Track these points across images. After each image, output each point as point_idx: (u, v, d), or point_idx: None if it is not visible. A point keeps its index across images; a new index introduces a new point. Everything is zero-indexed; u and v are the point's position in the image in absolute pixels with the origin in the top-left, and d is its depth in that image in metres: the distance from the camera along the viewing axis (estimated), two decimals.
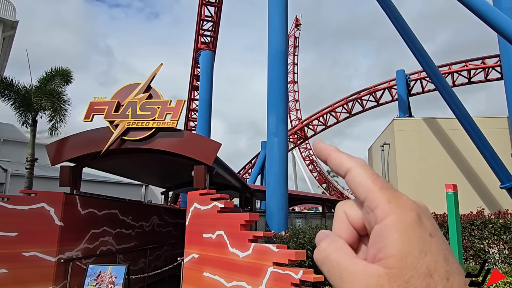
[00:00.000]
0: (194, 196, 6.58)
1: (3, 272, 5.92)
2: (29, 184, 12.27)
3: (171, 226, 12.67)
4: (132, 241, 9.70)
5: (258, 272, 4.57)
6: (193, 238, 6.29)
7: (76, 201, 7.21)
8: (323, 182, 55.48)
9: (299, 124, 28.03)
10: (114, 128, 7.02)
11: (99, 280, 6.06)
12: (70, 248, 6.99)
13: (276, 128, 11.50)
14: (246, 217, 5.07)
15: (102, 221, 8.17)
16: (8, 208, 6.12)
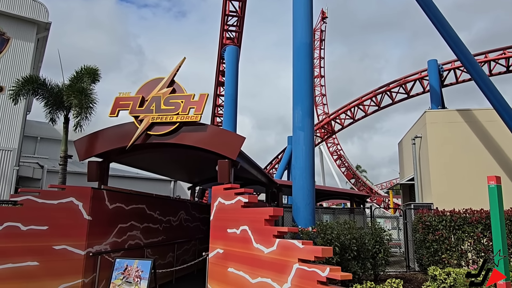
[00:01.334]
0: (218, 190, 6.51)
1: (35, 264, 6.09)
2: (63, 180, 12.65)
3: (198, 221, 12.74)
4: (159, 236, 9.79)
5: (283, 269, 4.44)
6: (218, 233, 6.23)
7: (103, 196, 7.32)
8: (352, 177, 54.54)
9: (326, 118, 27.55)
10: (139, 123, 7.06)
11: (126, 274, 6.12)
12: (99, 242, 7.11)
13: (301, 122, 11.27)
14: (271, 212, 4.94)
15: (129, 216, 8.28)
16: (39, 203, 6.28)
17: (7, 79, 16.13)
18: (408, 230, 12.70)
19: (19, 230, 6.00)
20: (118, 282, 6.08)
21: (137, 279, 6.03)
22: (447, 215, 9.89)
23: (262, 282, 4.80)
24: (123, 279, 6.08)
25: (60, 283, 6.30)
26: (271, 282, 4.64)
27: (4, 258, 5.80)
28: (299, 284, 4.15)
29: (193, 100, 6.97)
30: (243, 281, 5.21)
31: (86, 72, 13.03)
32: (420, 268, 11.29)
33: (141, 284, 5.98)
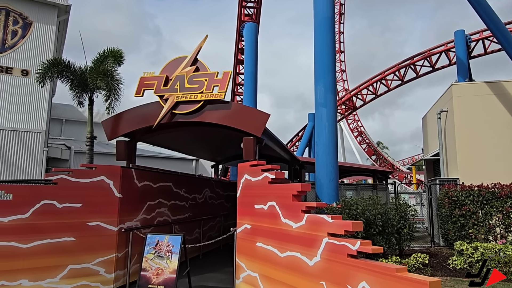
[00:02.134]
0: (244, 167, 6.57)
1: (72, 240, 6.38)
2: (90, 160, 13.03)
3: (222, 198, 12.96)
4: (186, 212, 10.05)
5: (312, 243, 4.49)
6: (245, 209, 6.34)
7: (132, 174, 7.52)
8: (373, 154, 53.97)
9: (347, 94, 27.08)
10: (164, 103, 7.13)
11: (158, 249, 6.34)
12: (130, 219, 7.36)
13: (324, 98, 11.15)
14: (298, 187, 4.97)
15: (157, 193, 8.50)
16: (72, 181, 6.52)
17: (32, 63, 16.48)
18: (433, 206, 12.58)
19: (55, 208, 6.27)
20: (150, 257, 6.31)
21: (168, 253, 6.24)
22: (474, 190, 9.71)
23: (291, 256, 4.89)
24: (155, 253, 6.31)
25: (96, 257, 6.60)
26: (300, 256, 4.72)
27: (43, 234, 6.10)
28: (329, 257, 4.21)
29: (216, 78, 6.97)
30: (272, 255, 5.32)
31: (110, 54, 13.15)
32: (445, 243, 11.22)
33: (172, 258, 6.20)
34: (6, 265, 5.71)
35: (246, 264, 6.07)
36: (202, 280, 7.66)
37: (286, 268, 4.97)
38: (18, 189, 6.13)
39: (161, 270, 6.14)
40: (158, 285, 6.04)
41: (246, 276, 6.04)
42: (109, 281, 6.72)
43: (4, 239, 5.74)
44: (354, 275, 3.82)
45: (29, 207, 6.02)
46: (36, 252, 6.00)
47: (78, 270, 6.39)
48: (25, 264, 5.87)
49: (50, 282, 6.08)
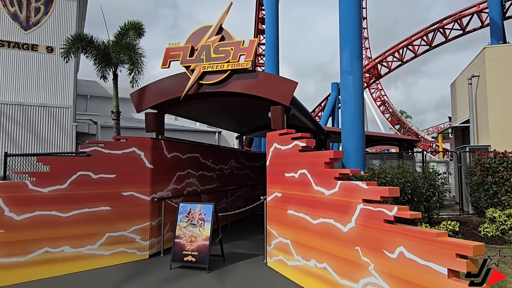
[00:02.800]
0: (273, 136, 6.55)
1: (108, 209, 6.61)
2: (117, 133, 13.30)
3: (247, 169, 13.08)
4: (214, 183, 10.21)
5: (346, 210, 4.49)
6: (275, 178, 6.37)
7: (162, 146, 7.64)
8: (396, 123, 52.94)
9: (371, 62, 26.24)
10: (191, 73, 7.10)
11: (190, 217, 6.50)
12: (161, 189, 7.54)
13: (350, 66, 10.84)
14: (331, 154, 4.92)
15: (186, 164, 8.64)
16: (105, 153, 6.68)
17: (55, 40, 16.66)
18: (462, 174, 12.31)
19: (91, 178, 6.47)
20: (183, 225, 6.49)
21: (201, 221, 6.40)
22: (509, 157, 9.41)
23: (324, 223, 4.91)
24: (187, 221, 6.48)
25: (131, 225, 6.85)
26: (333, 222, 4.73)
27: (82, 203, 6.34)
28: (364, 223, 4.20)
29: (242, 47, 6.85)
30: (304, 222, 5.36)
31: (130, 26, 13.12)
32: (475, 211, 11.04)
33: (204, 226, 6.35)
34: (49, 233, 6.00)
35: (277, 231, 6.16)
36: (233, 247, 7.86)
37: (319, 235, 5.02)
38: (55, 161, 6.34)
39: (194, 238, 6.32)
40: (192, 252, 6.23)
41: (277, 242, 6.15)
42: (144, 248, 6.99)
43: (45, 209, 6.00)
44: (391, 241, 3.81)
45: (66, 178, 6.24)
46: (76, 220, 6.26)
47: (115, 237, 6.66)
48: (66, 232, 6.16)
49: (90, 249, 6.38)
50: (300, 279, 5.44)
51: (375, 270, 4.03)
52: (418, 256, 3.49)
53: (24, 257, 5.79)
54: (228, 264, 6.62)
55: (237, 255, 7.27)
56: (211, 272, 6.11)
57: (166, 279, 5.78)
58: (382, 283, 3.91)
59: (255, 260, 6.90)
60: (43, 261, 5.92)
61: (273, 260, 6.28)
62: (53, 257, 6.02)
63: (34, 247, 5.89)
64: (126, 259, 6.75)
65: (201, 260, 6.15)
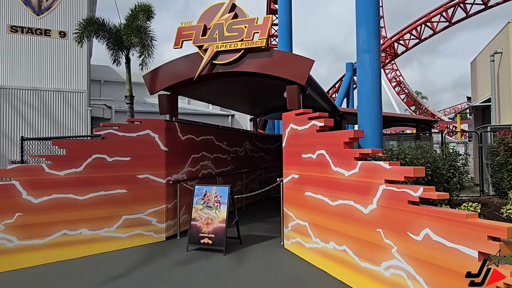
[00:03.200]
0: (289, 117, 6.38)
1: (124, 192, 6.60)
2: (131, 117, 13.30)
3: (262, 151, 12.96)
4: (228, 165, 10.14)
5: (367, 191, 4.33)
6: (292, 159, 6.22)
7: (176, 128, 7.55)
8: (412, 104, 51.96)
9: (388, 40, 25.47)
10: (204, 53, 6.92)
11: (206, 199, 6.44)
12: (176, 171, 7.49)
13: (367, 44, 10.47)
14: (351, 134, 4.73)
15: (200, 147, 8.56)
16: (120, 136, 6.62)
17: (68, 24, 16.61)
18: (483, 154, 11.95)
19: (106, 161, 6.44)
20: (199, 207, 6.44)
21: (217, 204, 6.33)
22: None
23: (344, 205, 4.77)
24: (203, 204, 6.42)
25: (147, 208, 6.84)
26: (353, 204, 4.59)
27: (98, 186, 6.34)
28: (386, 205, 4.04)
29: (256, 24, 6.61)
30: (322, 204, 5.23)
31: (140, 9, 12.96)
32: (495, 193, 10.74)
33: (221, 208, 6.29)
34: (66, 216, 6.03)
35: (295, 213, 6.06)
36: (249, 229, 7.82)
37: (338, 217, 4.89)
38: (70, 145, 6.32)
39: (210, 220, 6.27)
40: (209, 234, 6.20)
41: (294, 225, 6.05)
42: (161, 230, 6.99)
43: (62, 192, 6.01)
44: (416, 222, 3.65)
45: (82, 161, 6.22)
46: (92, 203, 6.27)
47: (132, 220, 6.67)
48: (83, 215, 6.18)
49: (107, 231, 6.40)
50: (318, 262, 5.36)
51: (398, 252, 3.89)
52: (446, 239, 3.33)
53: (43, 239, 5.84)
54: (244, 246, 6.58)
55: (253, 237, 7.23)
56: (228, 254, 6.08)
57: (183, 261, 5.76)
58: (406, 266, 3.78)
59: (271, 242, 6.84)
60: (61, 243, 5.97)
61: (290, 242, 6.21)
62: (71, 239, 6.06)
63: (52, 229, 5.93)
64: (143, 242, 6.77)
65: (218, 243, 6.11)
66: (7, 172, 5.70)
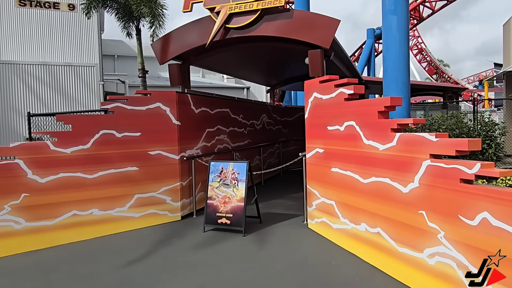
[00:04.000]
0: (312, 85, 5.74)
1: (135, 169, 6.19)
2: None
3: (279, 124, 12.38)
4: (245, 139, 9.63)
5: (407, 167, 3.75)
6: (315, 132, 5.64)
7: (188, 100, 7.02)
8: (434, 73, 49.98)
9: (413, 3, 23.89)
10: (216, 16, 6.26)
11: (223, 177, 5.97)
12: (190, 147, 7.02)
13: (394, 4, 9.59)
14: (387, 102, 4.10)
15: (215, 120, 8.04)
16: (128, 109, 6.14)
17: None
18: None
19: (115, 137, 6.00)
20: (215, 185, 5.99)
21: (234, 181, 5.86)
22: None
23: (378, 182, 4.21)
24: (220, 181, 5.96)
25: (161, 186, 6.43)
26: (389, 182, 4.02)
27: (107, 164, 5.93)
28: (432, 183, 3.47)
29: None
30: (352, 181, 4.69)
31: None
32: None
33: (238, 186, 5.81)
34: (75, 195, 5.68)
35: (319, 191, 5.54)
36: (268, 207, 7.38)
37: (371, 196, 4.34)
38: (76, 120, 5.88)
39: (228, 198, 5.82)
40: (226, 214, 5.76)
41: (320, 203, 5.54)
42: (176, 209, 6.61)
43: (69, 170, 5.63)
44: (471, 204, 3.08)
45: (89, 138, 5.80)
46: (102, 182, 5.89)
47: (145, 199, 6.29)
48: (93, 194, 5.82)
49: (119, 211, 6.05)
50: (347, 244, 4.87)
51: (446, 238, 3.34)
52: (510, 224, 2.75)
53: (52, 220, 5.52)
54: (265, 226, 6.14)
55: (274, 215, 6.78)
56: (247, 235, 5.65)
57: (199, 243, 5.37)
58: (455, 253, 3.24)
59: (294, 221, 6.38)
60: (71, 224, 5.64)
61: (314, 222, 5.72)
62: (81, 220, 5.73)
63: (61, 210, 5.60)
64: (157, 221, 6.41)
65: (236, 223, 5.67)
66: (10, 150, 5.32)
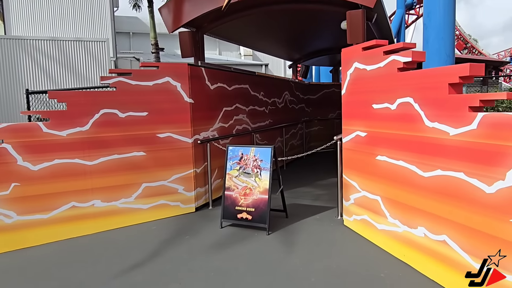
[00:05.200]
0: (352, 53, 4.71)
1: (142, 154, 5.37)
2: None
3: (303, 102, 11.35)
4: (266, 119, 8.69)
5: (494, 159, 2.76)
6: (356, 111, 4.64)
7: (202, 74, 6.09)
8: (463, 48, 47.19)
9: None
10: None
11: (243, 164, 5.09)
12: (205, 128, 6.15)
13: None
14: (464, 70, 3.06)
15: (233, 98, 7.11)
16: (133, 85, 5.27)
17: None
18: None
19: (118, 118, 5.17)
20: (234, 173, 5.11)
21: (257, 169, 4.97)
22: None
23: (446, 177, 3.23)
24: (239, 169, 5.08)
25: (172, 173, 5.62)
26: (465, 177, 3.04)
27: (109, 149, 5.13)
28: None
29: None
30: (406, 173, 3.72)
31: None
32: None
33: (262, 175, 4.92)
34: (74, 185, 4.93)
35: (360, 183, 4.60)
36: (294, 197, 6.50)
37: (434, 193, 3.38)
38: (72, 97, 5.04)
39: (249, 190, 4.95)
40: (247, 208, 4.91)
41: (359, 198, 4.61)
42: (189, 199, 5.81)
43: (66, 156, 4.87)
44: None
45: (87, 118, 4.98)
46: (105, 169, 5.11)
47: (154, 188, 5.49)
48: (94, 183, 5.06)
49: (125, 202, 5.29)
50: (397, 251, 3.95)
51: None
52: None
53: (47, 213, 4.80)
54: (292, 221, 5.27)
55: (301, 207, 5.90)
56: (272, 233, 4.80)
57: (216, 243, 4.56)
58: None
59: (325, 216, 5.48)
60: (70, 217, 4.91)
61: (352, 219, 4.81)
62: (82, 213, 4.99)
63: (58, 202, 4.86)
64: (168, 213, 5.63)
65: (259, 218, 4.82)
66: None
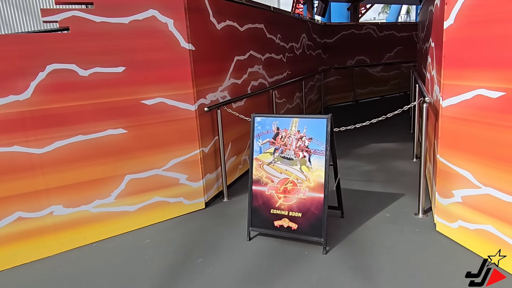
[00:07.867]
0: None
1: (122, 133, 3.53)
2: None
3: (320, 48, 9.35)
4: (284, 70, 6.77)
5: None
6: (476, 54, 2.77)
7: (205, 7, 4.08)
8: None
9: None
10: None
11: (280, 144, 3.28)
12: (212, 88, 4.25)
13: None
14: None
15: (246, 42, 5.14)
16: (97, 23, 3.28)
17: None
18: None
19: (77, 77, 3.25)
20: (266, 158, 3.32)
21: (303, 153, 3.18)
22: None
23: None
24: (274, 153, 3.29)
25: (168, 157, 3.81)
26: None
27: (68, 127, 3.26)
28: None
29: None
30: None
31: None
32: None
33: (311, 162, 3.15)
34: (15, 186, 3.13)
35: (478, 174, 2.84)
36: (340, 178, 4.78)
37: None
38: None
39: (291, 184, 3.21)
40: (290, 212, 3.19)
41: (476, 197, 2.87)
42: (196, 192, 4.06)
43: (1, 142, 3.03)
44: None
45: (26, 80, 3.07)
46: (63, 159, 3.30)
47: (143, 181, 3.72)
48: (49, 182, 3.26)
49: (102, 205, 3.53)
50: None
51: None
52: None
53: None
54: (352, 222, 3.59)
55: (356, 195, 4.20)
56: (330, 249, 3.13)
57: (246, 273, 2.87)
58: None
59: (399, 213, 3.78)
60: (14, 236, 3.18)
61: (458, 227, 3.11)
62: (32, 227, 3.26)
63: None
64: (167, 215, 3.92)
65: (310, 228, 3.12)
66: None
